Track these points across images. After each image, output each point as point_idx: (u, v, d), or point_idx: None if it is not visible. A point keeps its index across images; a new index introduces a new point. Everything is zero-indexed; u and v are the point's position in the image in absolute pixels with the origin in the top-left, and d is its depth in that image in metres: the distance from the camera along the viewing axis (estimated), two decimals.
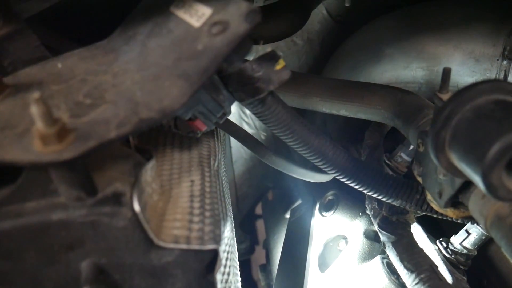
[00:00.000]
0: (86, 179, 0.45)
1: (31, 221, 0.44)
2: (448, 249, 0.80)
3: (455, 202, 0.63)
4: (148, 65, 0.51)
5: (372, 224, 0.96)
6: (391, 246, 0.75)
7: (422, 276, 0.67)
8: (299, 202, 1.14)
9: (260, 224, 1.81)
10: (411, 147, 1.02)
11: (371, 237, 0.95)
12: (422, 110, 0.77)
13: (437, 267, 0.70)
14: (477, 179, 0.48)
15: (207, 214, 0.55)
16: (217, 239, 0.51)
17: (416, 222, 0.87)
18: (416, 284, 0.68)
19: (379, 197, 0.73)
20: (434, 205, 0.66)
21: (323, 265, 1.07)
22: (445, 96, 0.63)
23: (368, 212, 0.99)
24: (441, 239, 0.83)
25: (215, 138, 0.78)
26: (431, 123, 0.60)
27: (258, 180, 1.66)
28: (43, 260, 0.46)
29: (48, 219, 0.44)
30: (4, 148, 0.41)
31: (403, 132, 0.83)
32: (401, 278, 0.84)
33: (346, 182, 0.73)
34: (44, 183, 0.44)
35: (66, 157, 0.39)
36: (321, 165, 0.71)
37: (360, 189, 0.73)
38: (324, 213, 1.03)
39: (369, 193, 0.73)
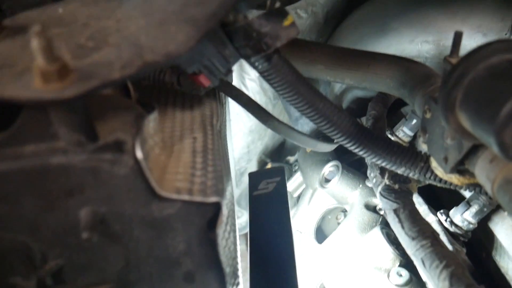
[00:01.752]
0: (87, 123, 0.44)
1: (29, 164, 0.43)
2: (448, 221, 0.79)
3: (460, 169, 0.62)
4: (153, 11, 0.49)
5: (372, 196, 0.96)
6: (392, 214, 0.74)
7: (424, 242, 0.67)
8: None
9: None
10: (414, 121, 1.01)
11: (371, 208, 0.95)
12: (429, 78, 0.76)
13: (438, 235, 0.70)
14: (488, 139, 0.47)
15: (210, 169, 0.54)
16: (220, 193, 0.50)
17: (417, 193, 0.86)
18: (417, 250, 0.67)
19: (383, 164, 0.72)
20: (439, 172, 0.65)
21: (321, 236, 1.07)
22: (454, 60, 0.61)
23: (369, 182, 0.98)
24: (441, 210, 0.83)
25: (218, 101, 0.77)
26: (441, 84, 0.58)
27: (257, 155, 1.65)
28: (41, 206, 0.44)
29: (47, 163, 0.43)
30: (3, 85, 0.39)
31: (408, 102, 0.82)
32: (400, 249, 0.83)
33: (350, 148, 0.72)
34: (43, 126, 0.43)
35: (67, 95, 0.38)
36: (325, 129, 0.70)
37: (364, 155, 0.72)
38: (324, 185, 1.02)
39: (373, 160, 0.71)
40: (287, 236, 0.77)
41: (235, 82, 1.40)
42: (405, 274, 0.77)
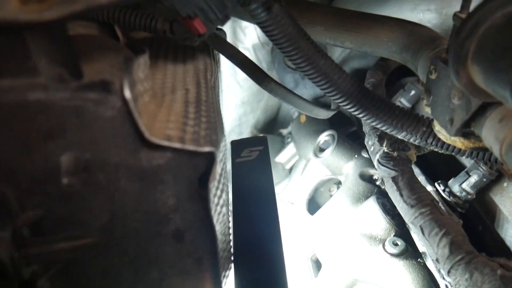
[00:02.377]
0: (71, 57, 0.39)
1: (4, 100, 0.38)
2: (446, 191, 0.77)
3: (466, 131, 0.59)
4: None
5: (368, 166, 0.93)
6: (390, 182, 0.71)
7: (423, 210, 0.64)
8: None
9: None
10: (412, 92, 0.98)
11: (366, 178, 0.92)
12: (434, 41, 0.72)
13: (438, 202, 0.67)
14: (503, 92, 0.44)
15: (203, 119, 0.50)
16: (214, 143, 0.46)
17: (414, 164, 0.83)
18: (416, 218, 0.65)
19: (383, 128, 0.69)
20: (442, 136, 0.62)
21: (313, 208, 1.04)
22: (465, 16, 0.58)
23: (364, 153, 0.95)
24: (439, 181, 0.80)
25: (212, 58, 0.72)
26: (452, 37, 0.55)
27: (248, 129, 1.62)
28: (18, 149, 0.40)
29: (24, 99, 0.39)
30: None
31: (410, 66, 0.78)
32: (396, 219, 0.81)
33: (350, 110, 0.68)
34: (21, 58, 0.38)
35: (47, 17, 0.33)
36: (325, 88, 0.66)
37: (364, 118, 0.68)
38: (319, 154, 0.99)
39: (373, 123, 0.68)
40: (271, 203, 0.74)
41: None
42: (401, 243, 0.75)
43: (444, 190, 0.78)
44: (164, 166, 0.46)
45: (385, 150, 0.75)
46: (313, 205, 1.05)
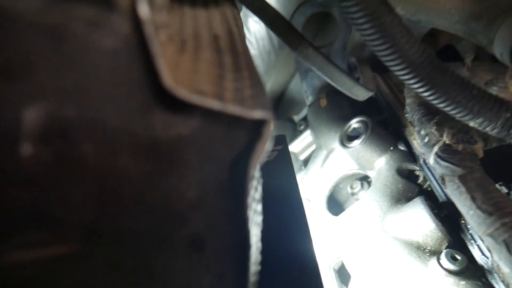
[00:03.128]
0: None
1: None
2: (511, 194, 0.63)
3: None
4: None
5: (407, 161, 0.78)
6: (456, 182, 0.56)
7: (506, 220, 0.50)
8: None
9: None
10: None
11: (405, 175, 0.77)
12: None
13: None
14: None
15: (245, 74, 0.34)
16: (266, 107, 0.30)
17: None
18: (497, 230, 0.50)
19: (453, 112, 0.54)
20: None
21: (331, 207, 0.89)
22: None
23: (402, 145, 0.80)
24: (500, 183, 0.66)
25: (237, 10, 0.56)
26: None
27: None
28: None
29: None
30: None
31: (479, 40, 0.63)
32: (445, 226, 0.66)
33: (415, 86, 0.53)
34: None
35: None
36: (387, 54, 0.51)
37: (431, 97, 0.53)
38: (347, 144, 0.83)
39: (442, 104, 0.53)
40: (298, 212, 0.60)
41: None
42: (462, 258, 0.60)
43: (509, 194, 0.63)
44: (188, 138, 0.30)
45: (447, 142, 0.60)
46: (332, 204, 0.90)
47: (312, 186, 0.91)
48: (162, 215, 0.33)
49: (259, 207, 0.40)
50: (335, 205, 0.91)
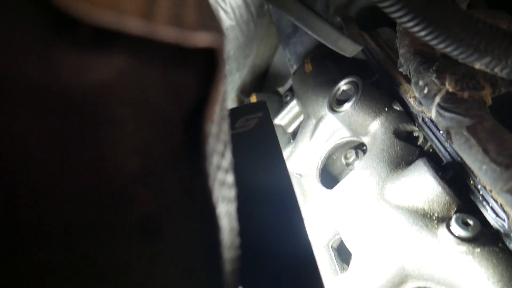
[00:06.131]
0: None
1: None
2: None
3: None
4: None
5: (403, 121, 0.70)
6: (465, 133, 0.49)
7: None
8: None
9: None
10: None
11: (403, 137, 0.70)
12: None
13: None
14: None
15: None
16: (215, 29, 0.22)
17: None
18: None
19: (456, 52, 0.46)
20: None
21: (325, 181, 0.81)
22: None
23: (396, 105, 0.72)
24: None
25: None
26: None
27: (233, 91, 1.37)
28: None
29: None
30: None
31: None
32: (452, 187, 0.59)
33: (409, 24, 0.45)
34: None
35: None
36: None
37: (430, 36, 0.45)
38: (337, 108, 0.75)
39: (443, 44, 0.46)
40: (283, 180, 0.52)
41: None
42: (474, 222, 0.53)
43: None
44: (112, 84, 0.22)
45: (450, 90, 0.52)
46: (326, 177, 0.82)
47: (302, 160, 0.83)
48: (97, 196, 0.25)
49: (229, 178, 0.32)
50: (329, 178, 0.83)
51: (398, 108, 0.72)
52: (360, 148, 0.83)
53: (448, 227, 0.54)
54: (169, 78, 0.23)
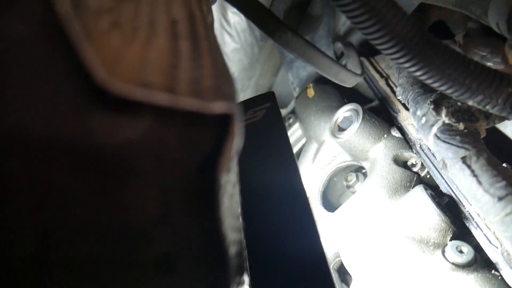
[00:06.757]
0: None
1: None
2: None
3: None
4: None
5: (402, 148, 0.73)
6: (460, 164, 0.51)
7: None
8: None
9: None
10: None
11: (401, 164, 0.72)
12: None
13: None
14: None
15: (206, 61, 0.29)
16: (230, 97, 0.25)
17: None
18: (508, 215, 0.45)
19: (449, 91, 0.49)
20: None
21: (326, 203, 0.84)
22: None
23: (395, 131, 0.75)
24: (504, 164, 0.61)
25: None
26: None
27: None
28: None
29: None
30: None
31: (470, 12, 0.58)
32: (449, 216, 0.61)
33: (407, 65, 0.48)
34: None
35: None
36: (372, 31, 0.46)
37: (425, 76, 0.49)
38: (338, 134, 0.78)
39: (437, 83, 0.49)
40: (293, 173, 0.54)
41: (215, 14, 1.14)
42: (468, 250, 0.56)
43: None
44: (137, 142, 0.25)
45: (446, 121, 0.55)
46: (327, 199, 0.85)
47: (304, 182, 0.86)
48: (120, 236, 0.28)
49: (238, 210, 0.35)
50: (330, 200, 0.86)
51: (396, 135, 0.75)
52: (360, 171, 0.85)
53: (443, 253, 0.56)
54: (187, 135, 0.26)
